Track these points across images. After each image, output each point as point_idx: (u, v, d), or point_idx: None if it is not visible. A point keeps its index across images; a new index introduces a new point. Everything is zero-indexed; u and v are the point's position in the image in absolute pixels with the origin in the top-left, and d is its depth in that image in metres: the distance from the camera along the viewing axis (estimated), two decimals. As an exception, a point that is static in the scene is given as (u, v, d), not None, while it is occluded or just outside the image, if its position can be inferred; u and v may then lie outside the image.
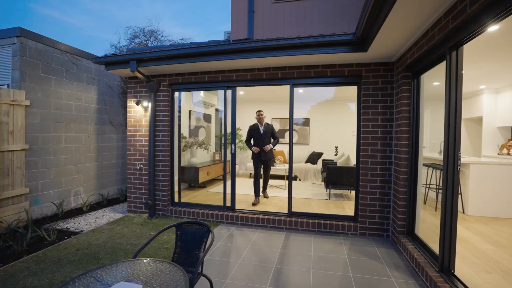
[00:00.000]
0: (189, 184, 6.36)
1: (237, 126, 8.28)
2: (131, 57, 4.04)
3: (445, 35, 2.35)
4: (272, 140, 5.20)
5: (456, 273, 2.39)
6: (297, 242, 3.63)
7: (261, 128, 5.07)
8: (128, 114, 4.79)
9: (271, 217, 4.19)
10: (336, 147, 7.81)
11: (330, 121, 8.57)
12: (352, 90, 7.81)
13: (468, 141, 7.26)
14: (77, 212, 4.89)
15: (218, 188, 6.43)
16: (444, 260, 2.47)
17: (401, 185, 3.41)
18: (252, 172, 7.92)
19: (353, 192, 6.03)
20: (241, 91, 8.02)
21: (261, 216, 4.22)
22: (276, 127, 9.16)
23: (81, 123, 5.19)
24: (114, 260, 3.05)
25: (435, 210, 4.54)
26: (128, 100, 4.78)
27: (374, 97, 3.76)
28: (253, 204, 4.81)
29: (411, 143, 3.35)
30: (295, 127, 8.95)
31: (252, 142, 5.20)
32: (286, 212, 4.30)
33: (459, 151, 2.39)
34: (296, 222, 4.06)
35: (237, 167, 8.48)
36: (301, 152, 8.61)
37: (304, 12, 5.15)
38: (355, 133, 8.62)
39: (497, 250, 3.07)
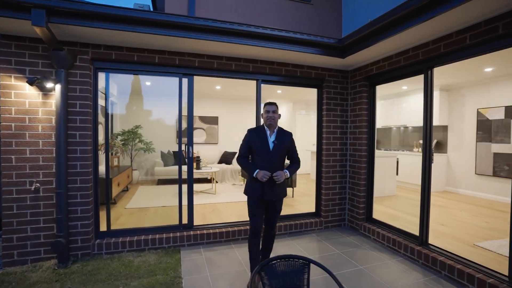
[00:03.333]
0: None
1: (138, 123, 6.76)
2: (37, 1, 2.36)
3: (429, 56, 2.93)
4: (288, 163, 2.69)
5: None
6: (284, 248, 3.42)
7: (270, 138, 2.52)
8: (2, 99, 2.78)
9: (241, 227, 3.72)
10: (249, 146, 7.95)
11: (240, 120, 8.62)
12: (263, 90, 8.21)
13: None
14: None
15: (136, 202, 4.97)
16: (423, 236, 3.10)
17: (361, 178, 3.95)
18: (162, 177, 6.71)
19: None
20: (147, 82, 6.60)
21: (229, 229, 3.66)
22: (183, 125, 8.17)
23: None
24: None
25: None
26: (1, 75, 2.78)
27: (335, 100, 4.13)
28: None
29: (369, 142, 3.95)
30: (202, 125, 8.36)
31: (250, 159, 2.62)
32: (254, 218, 3.94)
33: (432, 147, 3.08)
34: (268, 227, 3.81)
35: (136, 173, 6.94)
36: (211, 152, 8.15)
37: (246, 3, 4.92)
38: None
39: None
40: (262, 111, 2.62)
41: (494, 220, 4.23)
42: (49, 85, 2.84)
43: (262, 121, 2.63)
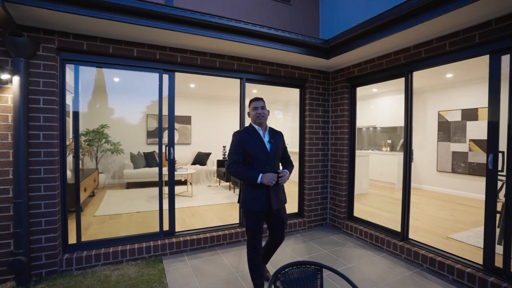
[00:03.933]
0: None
1: (103, 123, 6.20)
2: (-7, -23, 1.98)
3: (411, 61, 3.07)
4: (280, 163, 2.50)
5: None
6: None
7: (265, 138, 2.31)
8: None
9: (226, 232, 3.57)
10: (224, 147, 7.77)
11: (214, 119, 8.38)
12: (236, 89, 8.08)
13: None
14: None
15: (105, 209, 4.51)
16: (404, 231, 3.26)
17: (343, 178, 4.04)
18: (131, 180, 6.26)
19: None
20: (114, 77, 6.08)
21: (214, 234, 3.49)
22: (153, 124, 7.72)
23: None
24: None
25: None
26: None
27: (317, 101, 4.17)
28: None
29: (350, 142, 4.06)
30: (175, 125, 7.93)
31: (243, 163, 2.29)
32: (238, 222, 3.83)
33: (412, 147, 3.25)
34: (254, 230, 3.71)
35: (103, 176, 6.37)
36: (184, 153, 7.80)
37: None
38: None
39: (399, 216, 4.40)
40: (248, 109, 2.42)
41: (458, 213, 4.63)
42: (4, 76, 2.42)
43: (249, 121, 2.43)
